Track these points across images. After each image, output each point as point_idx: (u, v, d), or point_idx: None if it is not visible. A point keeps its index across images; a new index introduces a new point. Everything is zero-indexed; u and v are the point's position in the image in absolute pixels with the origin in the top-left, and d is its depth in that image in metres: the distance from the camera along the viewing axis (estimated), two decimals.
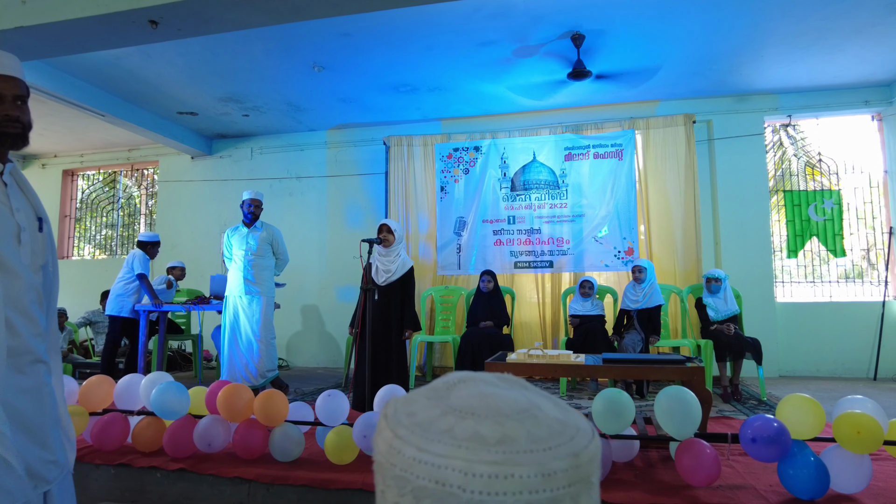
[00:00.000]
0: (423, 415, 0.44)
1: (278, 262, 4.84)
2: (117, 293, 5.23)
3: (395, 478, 0.43)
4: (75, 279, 7.37)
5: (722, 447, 2.67)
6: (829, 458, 2.26)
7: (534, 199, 6.01)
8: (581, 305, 5.04)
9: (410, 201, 6.33)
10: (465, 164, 6.23)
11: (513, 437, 0.41)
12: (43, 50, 3.94)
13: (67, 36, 3.78)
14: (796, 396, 2.41)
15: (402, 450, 0.43)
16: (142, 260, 5.20)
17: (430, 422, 0.43)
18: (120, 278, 5.28)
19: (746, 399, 4.34)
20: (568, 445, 0.41)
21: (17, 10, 3.63)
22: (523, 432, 0.41)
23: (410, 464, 0.42)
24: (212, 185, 7.21)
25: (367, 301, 3.55)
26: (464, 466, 0.40)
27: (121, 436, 2.91)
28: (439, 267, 6.19)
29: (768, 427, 2.28)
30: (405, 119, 6.50)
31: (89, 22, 3.59)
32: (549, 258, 5.91)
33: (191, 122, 6.64)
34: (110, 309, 5.21)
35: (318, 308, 6.77)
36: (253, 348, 4.52)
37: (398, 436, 0.44)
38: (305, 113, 6.32)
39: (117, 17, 3.53)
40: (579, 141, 5.94)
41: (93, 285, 7.09)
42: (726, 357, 4.48)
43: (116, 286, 5.26)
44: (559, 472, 0.40)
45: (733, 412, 3.88)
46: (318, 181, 6.89)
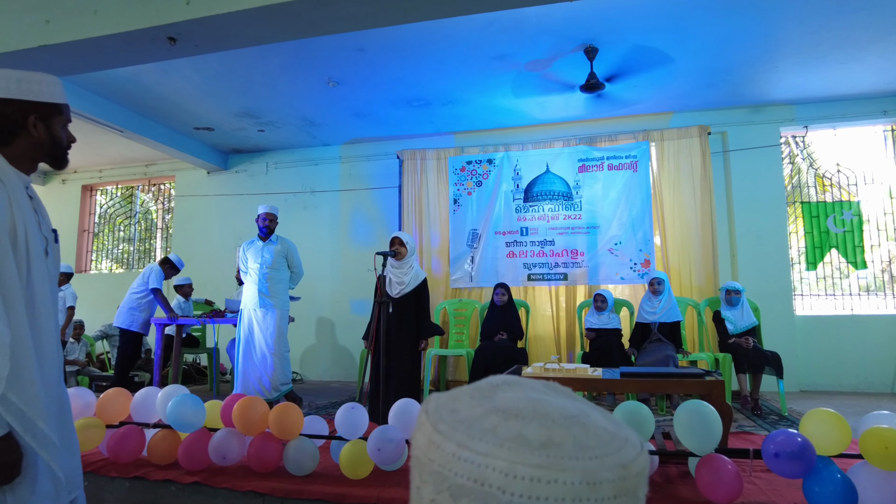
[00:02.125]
0: (466, 412, 0.43)
1: (293, 276, 4.86)
2: (130, 306, 5.29)
3: (433, 474, 0.42)
4: (93, 293, 7.46)
5: (743, 463, 2.61)
6: (857, 475, 2.20)
7: (547, 209, 5.99)
8: (597, 319, 5.01)
9: (423, 214, 6.35)
10: (478, 176, 6.25)
11: (558, 443, 0.39)
12: (65, 67, 4.02)
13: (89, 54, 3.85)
14: (820, 411, 2.35)
15: (441, 445, 0.42)
16: (158, 275, 5.27)
17: (474, 420, 0.42)
18: (133, 291, 5.34)
19: (767, 414, 4.26)
20: (616, 456, 0.40)
21: (41, 30, 3.72)
22: (570, 438, 0.40)
23: (449, 460, 0.41)
24: (227, 200, 7.28)
25: (381, 313, 3.55)
26: (506, 467, 0.39)
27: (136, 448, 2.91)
28: (452, 280, 6.19)
29: (792, 442, 2.23)
30: (418, 133, 6.53)
31: (110, 40, 3.66)
32: (564, 270, 5.88)
33: (207, 137, 6.73)
34: (122, 321, 5.26)
35: (331, 321, 6.78)
36: (267, 361, 4.53)
37: (438, 430, 0.43)
38: (320, 128, 6.38)
39: (137, 34, 3.60)
40: (593, 153, 5.93)
41: (110, 299, 7.16)
42: (745, 370, 4.42)
43: (130, 299, 5.32)
44: (605, 483, 0.38)
45: (754, 427, 3.80)
46: (332, 195, 6.94)
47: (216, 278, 6.98)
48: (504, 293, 5.26)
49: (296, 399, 4.66)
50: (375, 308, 3.66)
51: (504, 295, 5.25)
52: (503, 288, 5.30)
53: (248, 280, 4.71)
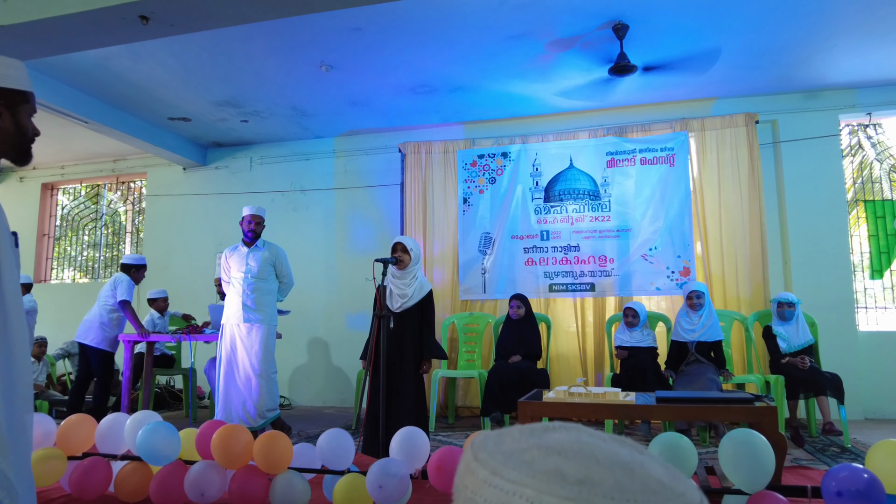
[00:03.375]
0: (510, 445, 0.48)
1: (282, 286, 4.87)
2: (102, 321, 5.31)
3: (465, 500, 0.47)
4: (54, 305, 7.50)
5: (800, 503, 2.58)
6: None
7: (571, 211, 5.99)
8: (628, 335, 4.98)
9: (429, 216, 6.36)
10: (492, 172, 6.25)
11: (596, 481, 0.41)
12: (25, 51, 4.07)
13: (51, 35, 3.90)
14: (890, 443, 2.32)
15: (476, 471, 0.47)
16: (127, 286, 5.28)
17: (515, 452, 0.47)
18: (102, 304, 5.36)
19: (826, 445, 4.21)
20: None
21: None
22: (610, 479, 0.41)
23: (480, 486, 0.46)
24: (206, 200, 7.33)
25: (380, 329, 3.55)
26: (533, 496, 0.42)
27: (102, 483, 2.92)
28: (462, 291, 6.18)
29: (857, 479, 2.20)
30: (423, 123, 6.55)
31: (75, 19, 3.70)
32: (591, 280, 5.86)
33: (183, 129, 6.78)
34: (91, 338, 5.28)
35: (325, 338, 6.79)
36: (251, 384, 4.53)
37: (477, 458, 0.48)
38: (311, 118, 6.42)
39: (105, 13, 3.64)
40: (624, 145, 5.92)
41: (73, 313, 7.19)
42: (800, 395, 4.38)
43: (99, 313, 5.34)
44: None
45: (811, 461, 3.76)
46: (326, 194, 6.97)
47: (194, 290, 7.01)
48: (521, 306, 5.24)
49: (284, 427, 4.66)
50: (375, 323, 3.66)
51: (521, 308, 5.23)
52: (520, 300, 5.28)
53: (231, 291, 4.72)
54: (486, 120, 6.45)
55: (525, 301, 5.31)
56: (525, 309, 5.26)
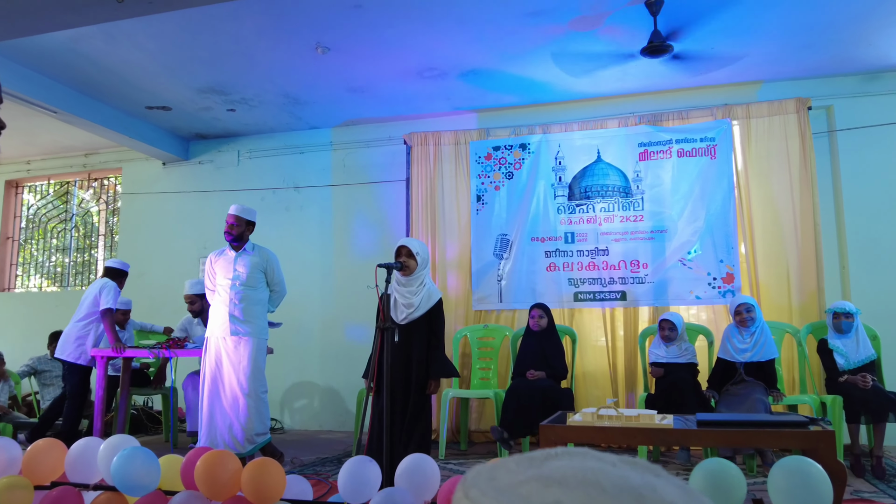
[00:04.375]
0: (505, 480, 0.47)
1: (273, 295, 4.88)
2: (78, 334, 5.35)
3: None
4: (19, 317, 7.56)
5: None
6: None
7: (599, 210, 5.97)
8: (664, 350, 4.97)
9: (438, 215, 6.37)
10: (509, 166, 6.24)
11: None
12: None
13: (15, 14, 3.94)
14: None
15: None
16: (113, 292, 5.32)
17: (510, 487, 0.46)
18: (84, 315, 5.40)
19: (891, 476, 4.17)
20: None
21: None
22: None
23: None
24: (189, 198, 7.37)
25: (384, 344, 3.54)
26: None
27: None
28: (476, 300, 6.18)
29: None
30: (431, 112, 6.56)
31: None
32: (621, 287, 5.84)
33: (163, 120, 6.83)
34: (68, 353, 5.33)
35: (321, 353, 6.80)
36: (239, 405, 4.54)
37: (469, 497, 0.47)
38: (306, 106, 6.44)
39: None
40: (658, 135, 5.91)
41: (39, 324, 7.23)
42: (861, 418, 4.35)
43: (83, 326, 5.40)
44: None
45: (874, 493, 3.73)
46: (322, 192, 6.99)
47: (176, 299, 7.00)
48: (543, 316, 5.23)
49: (275, 454, 4.66)
50: (377, 337, 3.66)
51: (543, 318, 5.23)
52: (542, 310, 5.27)
53: (217, 300, 4.73)
54: (502, 107, 6.45)
55: (547, 311, 5.30)
56: (547, 320, 5.25)
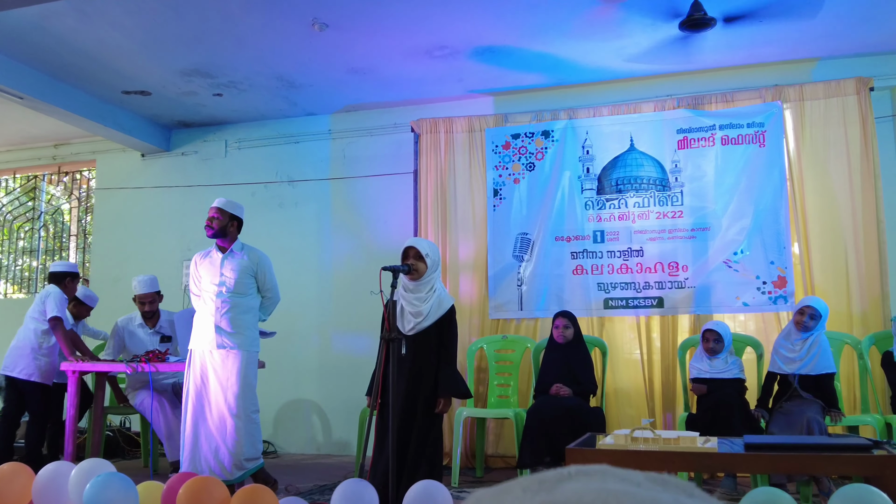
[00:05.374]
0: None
1: (265, 302, 4.89)
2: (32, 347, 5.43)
3: None
4: None
5: None
6: None
7: (632, 205, 5.95)
8: (707, 364, 4.94)
9: (449, 212, 6.37)
10: (530, 156, 6.23)
11: None
12: None
13: None
14: None
15: None
16: (58, 300, 5.36)
17: None
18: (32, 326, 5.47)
19: None
20: None
21: None
22: None
23: None
24: (171, 194, 7.40)
25: (389, 357, 3.54)
26: None
27: None
28: (493, 307, 6.17)
29: None
30: (442, 95, 6.56)
31: None
32: (658, 293, 5.81)
33: (142, 106, 6.86)
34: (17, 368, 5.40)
35: (319, 367, 6.81)
36: (226, 427, 4.55)
37: None
38: (301, 90, 6.46)
39: None
40: (699, 120, 5.88)
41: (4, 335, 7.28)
42: None
43: (28, 337, 5.46)
44: None
45: None
46: (319, 186, 7.00)
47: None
48: (568, 326, 5.22)
49: (268, 481, 4.67)
50: (382, 349, 3.67)
51: (569, 328, 5.21)
52: (567, 318, 5.26)
53: (202, 308, 4.74)
54: (521, 90, 6.43)
55: (573, 320, 5.28)
56: (573, 330, 5.23)
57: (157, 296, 5.72)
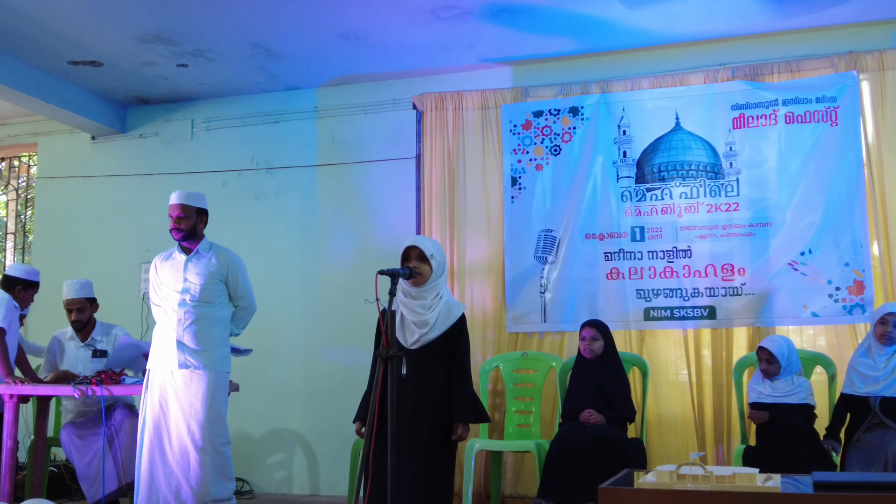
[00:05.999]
0: None
1: (237, 313, 4.89)
2: None
3: None
4: None
5: None
6: None
7: (678, 196, 5.93)
8: (769, 388, 4.93)
9: (458, 205, 6.36)
10: (555, 137, 6.21)
11: None
12: None
13: None
14: None
15: None
16: (6, 309, 5.34)
17: None
18: None
19: None
20: None
21: None
22: None
23: None
24: (127, 184, 7.40)
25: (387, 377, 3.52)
26: None
27: None
28: (511, 319, 6.16)
29: None
30: (450, 65, 6.55)
31: None
32: (709, 301, 5.78)
33: (91, 79, 6.85)
34: None
35: (303, 390, 6.80)
36: (190, 461, 4.54)
37: None
38: (282, 60, 6.44)
39: None
40: (759, 94, 5.84)
41: None
42: None
43: None
44: None
45: None
46: (304, 174, 6.99)
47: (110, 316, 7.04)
48: (597, 337, 5.19)
49: None
50: (378, 368, 3.64)
51: (597, 340, 5.19)
52: (595, 329, 5.22)
53: (163, 320, 4.74)
54: (545, 58, 6.42)
55: (604, 330, 5.25)
56: (603, 343, 5.20)
57: (87, 303, 5.63)
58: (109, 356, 5.40)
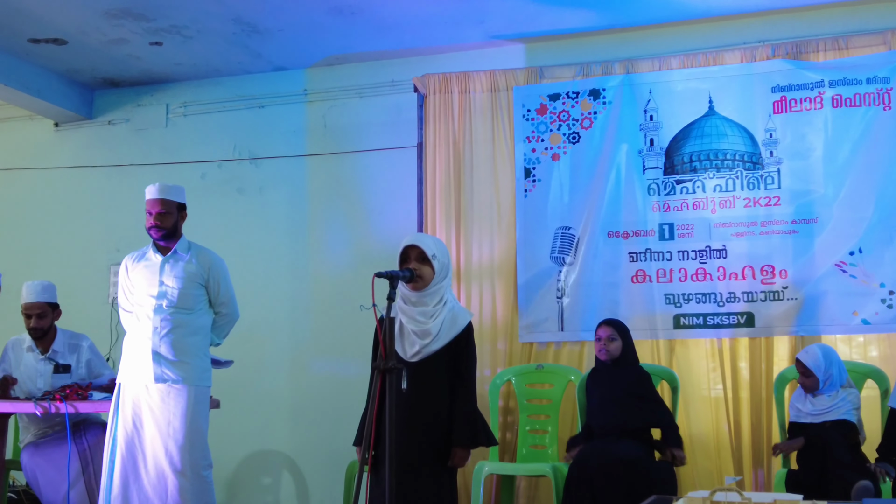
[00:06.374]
0: None
1: (218, 321, 4.90)
2: None
3: None
4: None
5: None
6: None
7: (712, 188, 5.92)
8: (810, 405, 4.92)
9: (465, 199, 6.36)
10: (574, 124, 6.20)
11: None
12: None
13: None
14: None
15: None
16: None
17: None
18: None
19: None
20: None
21: None
22: None
23: None
24: (95, 176, 7.40)
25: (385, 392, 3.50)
26: None
27: None
28: (523, 328, 6.17)
29: None
30: (455, 42, 6.56)
31: None
32: (747, 307, 5.77)
33: (54, 59, 6.85)
34: None
35: (291, 407, 6.81)
36: (167, 486, 4.54)
37: None
38: (267, 37, 6.44)
39: None
40: (803, 74, 5.83)
41: None
42: None
43: None
44: None
45: None
46: (293, 165, 7.00)
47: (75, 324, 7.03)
48: (614, 337, 5.19)
49: None
50: (375, 382, 3.62)
51: (614, 340, 5.19)
52: (612, 328, 5.22)
53: (135, 328, 4.74)
54: (562, 34, 6.41)
55: (622, 330, 5.25)
56: (621, 343, 5.19)
57: (48, 308, 5.54)
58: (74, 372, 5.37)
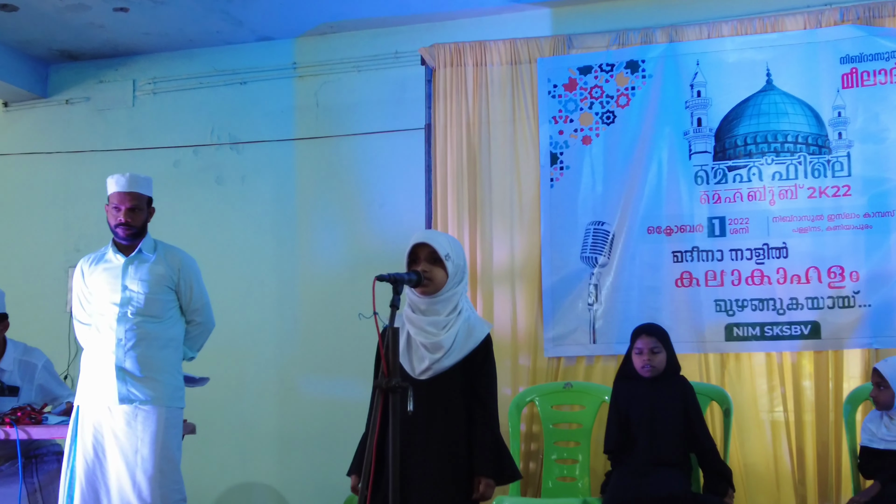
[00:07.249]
0: None
1: (191, 331, 4.91)
2: None
3: None
4: None
5: None
6: None
7: (770, 176, 5.92)
8: (885, 428, 4.89)
9: (481, 189, 6.37)
10: (609, 101, 6.21)
11: None
12: None
13: None
14: None
15: None
16: None
17: None
18: None
19: None
20: None
21: None
22: None
23: None
24: (49, 163, 7.44)
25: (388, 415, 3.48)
26: None
27: None
28: (549, 340, 6.17)
29: None
30: (469, 7, 6.56)
31: None
32: (811, 315, 5.76)
33: (3, 28, 6.87)
34: None
35: (278, 432, 6.82)
36: None
37: None
38: (250, 2, 6.44)
39: None
40: (876, 42, 5.82)
41: None
42: None
43: None
44: None
45: None
46: (279, 150, 7.01)
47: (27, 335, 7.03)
48: (658, 348, 5.16)
49: None
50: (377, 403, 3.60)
51: (659, 352, 5.16)
52: (653, 338, 5.19)
53: (94, 341, 4.75)
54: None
55: (664, 338, 5.22)
56: (666, 356, 5.17)
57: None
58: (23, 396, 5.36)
